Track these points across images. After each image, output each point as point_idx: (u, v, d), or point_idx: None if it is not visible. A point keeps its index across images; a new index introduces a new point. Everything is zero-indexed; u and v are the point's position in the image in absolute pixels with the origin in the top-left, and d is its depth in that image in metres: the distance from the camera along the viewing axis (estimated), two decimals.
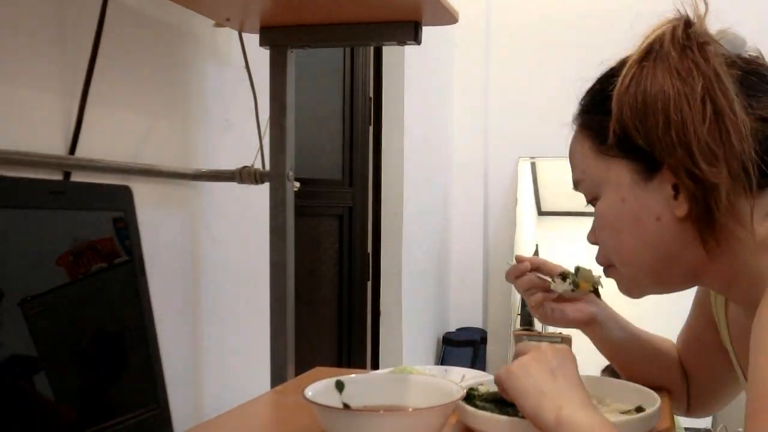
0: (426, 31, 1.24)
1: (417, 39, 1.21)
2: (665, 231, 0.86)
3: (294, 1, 1.14)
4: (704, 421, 3.03)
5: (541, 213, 3.77)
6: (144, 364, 0.84)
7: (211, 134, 1.38)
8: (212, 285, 1.39)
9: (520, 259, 1.12)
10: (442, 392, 0.85)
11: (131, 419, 0.79)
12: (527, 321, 3.35)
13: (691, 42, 0.83)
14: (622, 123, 0.85)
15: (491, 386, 0.89)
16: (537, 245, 3.53)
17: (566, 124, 0.95)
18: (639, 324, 1.15)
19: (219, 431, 0.99)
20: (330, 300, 2.45)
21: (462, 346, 3.36)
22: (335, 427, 0.80)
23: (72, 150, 1.02)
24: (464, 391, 0.86)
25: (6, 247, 0.68)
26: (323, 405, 0.80)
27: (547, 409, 0.76)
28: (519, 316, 3.39)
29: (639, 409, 0.92)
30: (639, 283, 0.93)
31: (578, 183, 0.95)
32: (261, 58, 1.32)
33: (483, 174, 3.53)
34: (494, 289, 3.57)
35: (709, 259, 0.86)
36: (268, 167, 1.31)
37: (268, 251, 1.29)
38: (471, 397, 0.88)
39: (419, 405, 0.81)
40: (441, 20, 1.20)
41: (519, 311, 3.39)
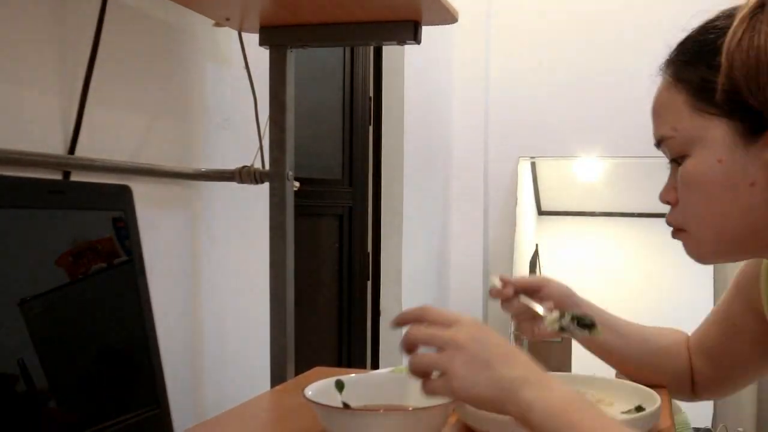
0: (426, 31, 1.24)
1: (417, 38, 1.21)
2: (757, 197, 0.82)
3: (294, 1, 1.14)
4: (704, 421, 3.03)
5: (541, 213, 3.77)
6: (144, 364, 0.84)
7: (211, 134, 1.38)
8: (212, 285, 1.39)
9: (504, 282, 1.07)
10: None
11: (131, 419, 0.79)
12: None
13: None
14: (732, 79, 0.79)
15: None
16: (537, 245, 3.52)
17: (566, 124, 0.95)
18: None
19: (219, 431, 0.99)
20: (330, 300, 2.44)
21: None
22: (335, 427, 0.80)
23: (71, 150, 1.02)
24: None
25: (5, 247, 0.68)
26: (323, 405, 0.80)
27: (511, 402, 0.69)
28: None
29: (639, 409, 0.92)
30: (715, 249, 0.88)
31: (664, 139, 0.88)
32: (261, 58, 1.32)
33: (483, 174, 3.53)
34: None
35: None
36: (268, 167, 1.31)
37: (268, 251, 1.29)
38: None
39: (419, 405, 0.81)
40: (441, 20, 1.20)
41: None
